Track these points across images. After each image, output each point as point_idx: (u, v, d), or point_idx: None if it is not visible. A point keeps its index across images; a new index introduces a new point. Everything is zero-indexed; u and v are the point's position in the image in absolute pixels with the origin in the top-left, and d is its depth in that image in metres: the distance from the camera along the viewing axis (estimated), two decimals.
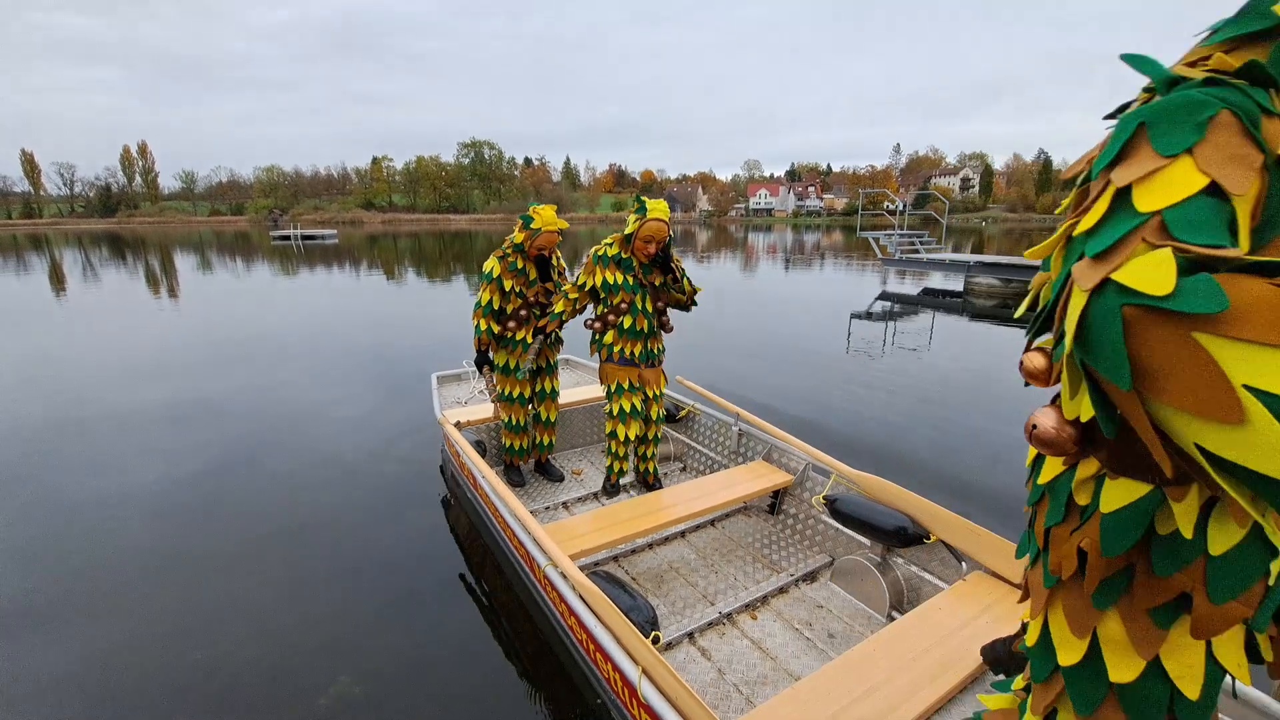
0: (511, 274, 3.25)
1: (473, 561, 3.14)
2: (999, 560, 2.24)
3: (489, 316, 3.29)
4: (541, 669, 2.40)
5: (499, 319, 3.33)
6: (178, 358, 7.63)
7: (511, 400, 3.46)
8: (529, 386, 3.50)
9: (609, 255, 3.07)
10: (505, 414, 3.50)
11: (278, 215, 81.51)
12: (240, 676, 2.36)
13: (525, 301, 3.32)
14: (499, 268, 3.23)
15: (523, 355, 3.36)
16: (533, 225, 3.21)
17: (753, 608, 2.56)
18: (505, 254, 3.25)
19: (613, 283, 3.01)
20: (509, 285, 3.25)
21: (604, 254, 3.07)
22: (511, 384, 3.42)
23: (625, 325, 3.05)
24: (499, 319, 3.33)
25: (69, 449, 4.68)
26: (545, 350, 3.47)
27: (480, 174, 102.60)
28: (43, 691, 2.30)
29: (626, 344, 3.08)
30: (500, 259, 3.25)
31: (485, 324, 3.29)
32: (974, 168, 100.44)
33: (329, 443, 4.75)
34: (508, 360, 3.39)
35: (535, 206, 3.25)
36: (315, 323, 10.12)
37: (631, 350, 3.10)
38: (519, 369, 3.38)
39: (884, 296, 12.90)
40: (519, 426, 3.54)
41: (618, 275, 3.01)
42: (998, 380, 6.40)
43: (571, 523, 2.73)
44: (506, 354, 3.39)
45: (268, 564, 3.15)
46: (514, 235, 3.28)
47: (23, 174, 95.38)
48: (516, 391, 3.44)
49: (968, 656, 1.88)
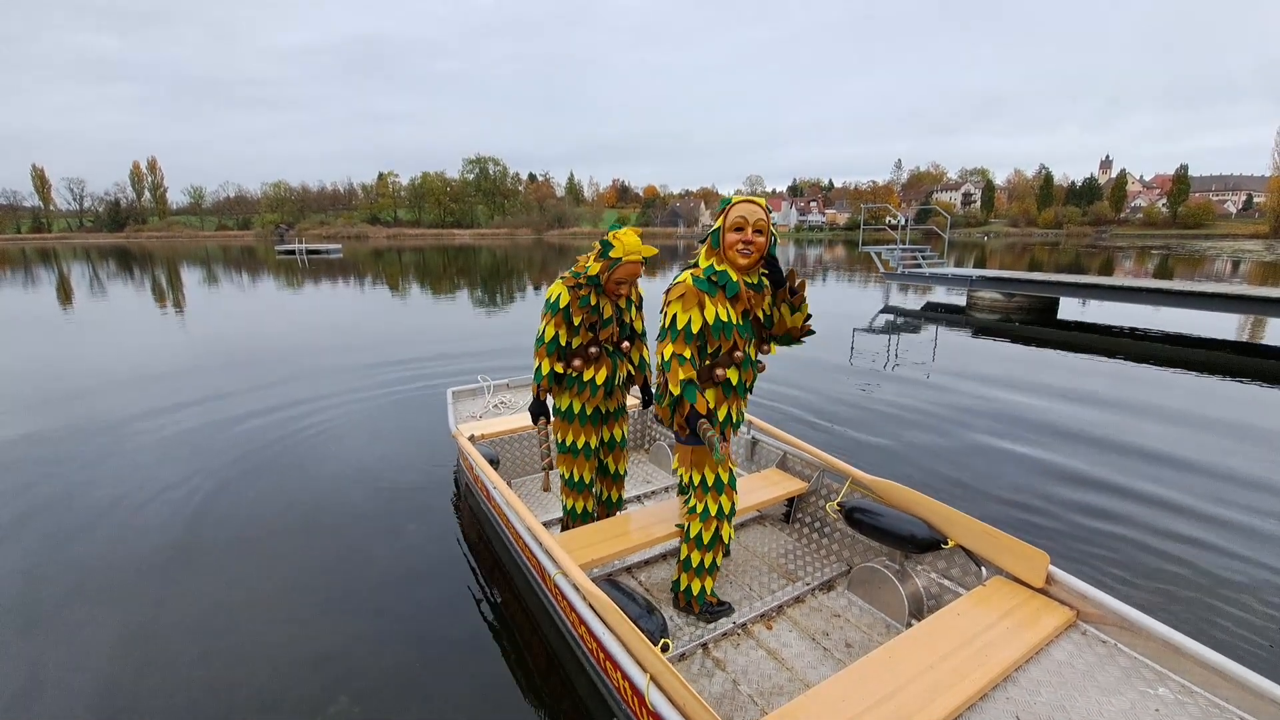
0: (582, 309, 2.63)
1: (482, 573, 3.13)
2: (1019, 565, 2.23)
3: (553, 355, 2.66)
4: (551, 680, 2.38)
5: (563, 356, 2.71)
6: (170, 366, 7.66)
7: (575, 452, 2.82)
8: (595, 435, 2.84)
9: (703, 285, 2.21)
10: (565, 469, 2.87)
11: (284, 230, 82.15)
12: (235, 700, 2.29)
13: (595, 338, 2.69)
14: (568, 297, 2.61)
15: (590, 399, 2.76)
16: (612, 253, 2.55)
17: (768, 617, 2.54)
18: (578, 283, 2.63)
19: (725, 321, 2.18)
20: (578, 319, 2.63)
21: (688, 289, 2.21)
22: (575, 431, 2.79)
23: (732, 381, 2.26)
24: (563, 356, 2.71)
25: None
26: (617, 391, 2.86)
27: (485, 189, 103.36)
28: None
29: (730, 406, 2.32)
30: (571, 289, 2.62)
31: (548, 364, 2.66)
32: (975, 183, 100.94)
33: (345, 457, 4.76)
34: (571, 403, 2.76)
35: (615, 231, 2.61)
36: (323, 335, 10.17)
37: (729, 416, 2.33)
38: (582, 414, 2.78)
39: (887, 310, 12.92)
40: (583, 484, 2.89)
41: (725, 308, 2.20)
42: (997, 386, 6.39)
43: (582, 532, 2.72)
44: (570, 396, 2.75)
45: (266, 574, 3.13)
46: (587, 263, 2.64)
47: (33, 189, 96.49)
48: (581, 441, 2.80)
49: (989, 662, 1.87)
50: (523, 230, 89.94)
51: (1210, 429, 5.19)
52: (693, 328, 2.16)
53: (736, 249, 2.19)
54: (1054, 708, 1.76)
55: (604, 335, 2.69)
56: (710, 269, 2.21)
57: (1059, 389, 6.49)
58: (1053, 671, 1.89)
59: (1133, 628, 1.96)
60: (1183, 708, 1.74)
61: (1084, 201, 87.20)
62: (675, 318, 2.18)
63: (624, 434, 2.96)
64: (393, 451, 4.79)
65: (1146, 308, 11.32)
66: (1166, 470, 4.31)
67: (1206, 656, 1.78)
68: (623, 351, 2.77)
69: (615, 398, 2.86)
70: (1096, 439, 4.93)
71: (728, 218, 2.20)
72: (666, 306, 2.22)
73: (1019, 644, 1.95)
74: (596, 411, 2.81)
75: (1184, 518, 3.63)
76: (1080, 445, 4.80)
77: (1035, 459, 4.53)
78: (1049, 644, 2.00)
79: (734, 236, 2.19)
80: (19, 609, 2.86)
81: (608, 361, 2.72)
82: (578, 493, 2.91)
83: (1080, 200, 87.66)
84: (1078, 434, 5.05)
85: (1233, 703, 1.72)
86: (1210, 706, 1.74)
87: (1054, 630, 2.02)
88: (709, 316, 2.16)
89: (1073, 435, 5.03)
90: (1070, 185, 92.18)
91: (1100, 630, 2.04)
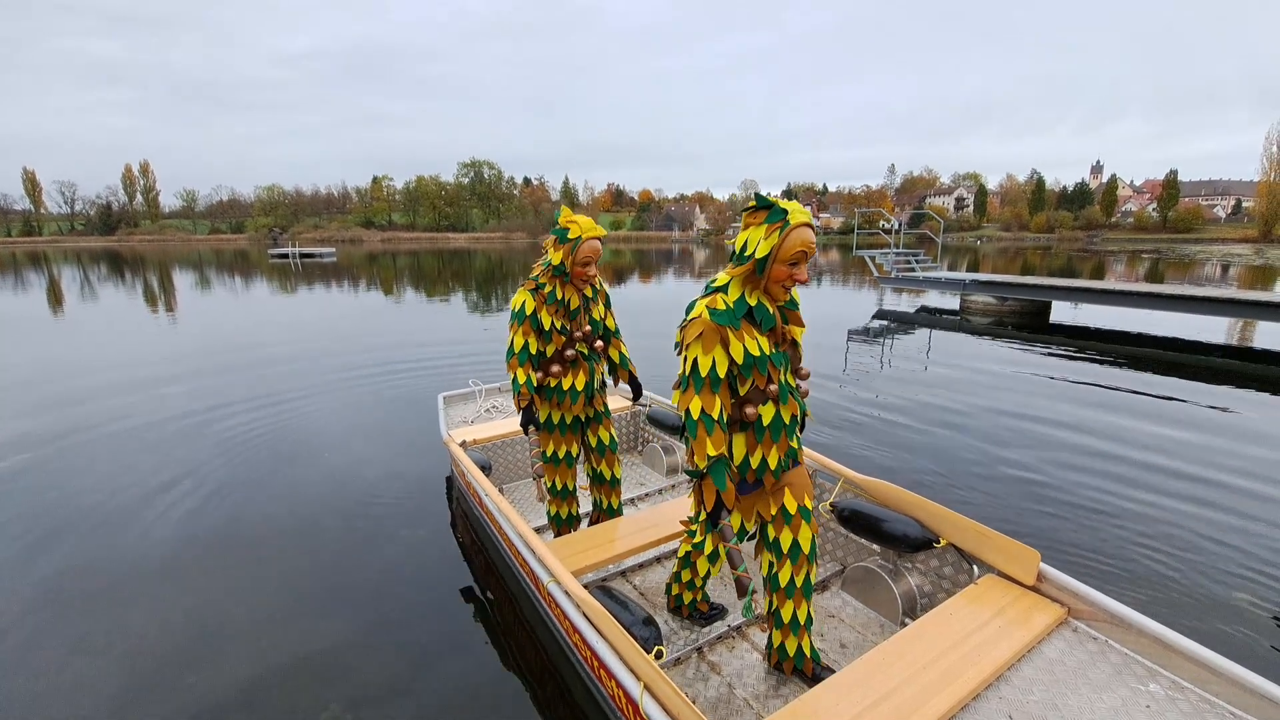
0: (550, 306, 2.56)
1: (476, 579, 3.11)
2: (1010, 563, 2.24)
3: (527, 365, 2.58)
4: (546, 687, 2.36)
5: (538, 364, 2.63)
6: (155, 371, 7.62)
7: (558, 461, 2.80)
8: (576, 443, 2.84)
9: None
10: (549, 477, 2.85)
11: (277, 234, 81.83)
12: (224, 707, 2.27)
13: (570, 339, 2.63)
14: (532, 302, 2.55)
15: (570, 407, 2.71)
16: (570, 235, 2.49)
17: (763, 620, 2.53)
18: (539, 284, 2.58)
19: (758, 355, 1.82)
20: (548, 322, 2.57)
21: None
22: (556, 441, 2.77)
23: (766, 420, 1.90)
24: (538, 364, 2.63)
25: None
26: (596, 396, 2.82)
27: (480, 193, 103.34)
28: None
29: (764, 450, 1.94)
30: (534, 291, 2.57)
31: (524, 374, 2.57)
32: (968, 187, 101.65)
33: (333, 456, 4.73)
34: (550, 414, 2.72)
35: (565, 215, 2.56)
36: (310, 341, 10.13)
37: (763, 463, 1.96)
38: (562, 424, 2.75)
39: (881, 314, 12.98)
40: (566, 491, 2.89)
41: (755, 339, 1.82)
42: (989, 388, 6.42)
43: (576, 538, 2.71)
44: (550, 407, 2.70)
45: (255, 580, 3.11)
46: (547, 255, 2.58)
47: (24, 192, 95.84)
48: (564, 450, 2.79)
49: (981, 661, 1.87)
50: (518, 234, 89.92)
51: (1200, 429, 5.23)
52: (719, 371, 1.79)
53: (783, 285, 1.81)
54: (1046, 706, 1.76)
55: (577, 332, 2.62)
56: (740, 301, 1.82)
57: (1050, 391, 6.53)
58: (1045, 670, 1.90)
59: (1123, 624, 1.97)
60: (1174, 704, 1.75)
61: (1076, 206, 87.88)
62: (696, 363, 1.80)
63: (611, 436, 2.92)
64: (385, 455, 4.77)
65: (1138, 311, 11.41)
66: (1156, 469, 4.33)
67: (1197, 652, 1.79)
68: (598, 353, 2.75)
69: (595, 403, 2.81)
70: (1087, 439, 4.96)
71: (784, 244, 1.73)
72: (685, 349, 1.85)
73: (1011, 642, 1.96)
74: (576, 420, 2.78)
75: (1173, 515, 3.65)
76: (1071, 445, 4.83)
77: (1026, 459, 4.55)
78: (1041, 642, 2.01)
79: (785, 271, 1.77)
80: (4, 616, 2.82)
81: (585, 366, 2.68)
82: (562, 499, 2.92)
83: (1072, 205, 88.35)
84: (1069, 434, 5.08)
85: (1223, 698, 1.73)
86: (1201, 702, 1.74)
87: (1045, 628, 2.03)
88: (736, 354, 1.79)
89: (1064, 435, 5.05)
90: (1062, 190, 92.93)
91: (1091, 627, 2.06)
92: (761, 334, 1.83)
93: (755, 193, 1.86)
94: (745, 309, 1.82)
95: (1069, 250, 47.19)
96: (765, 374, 1.83)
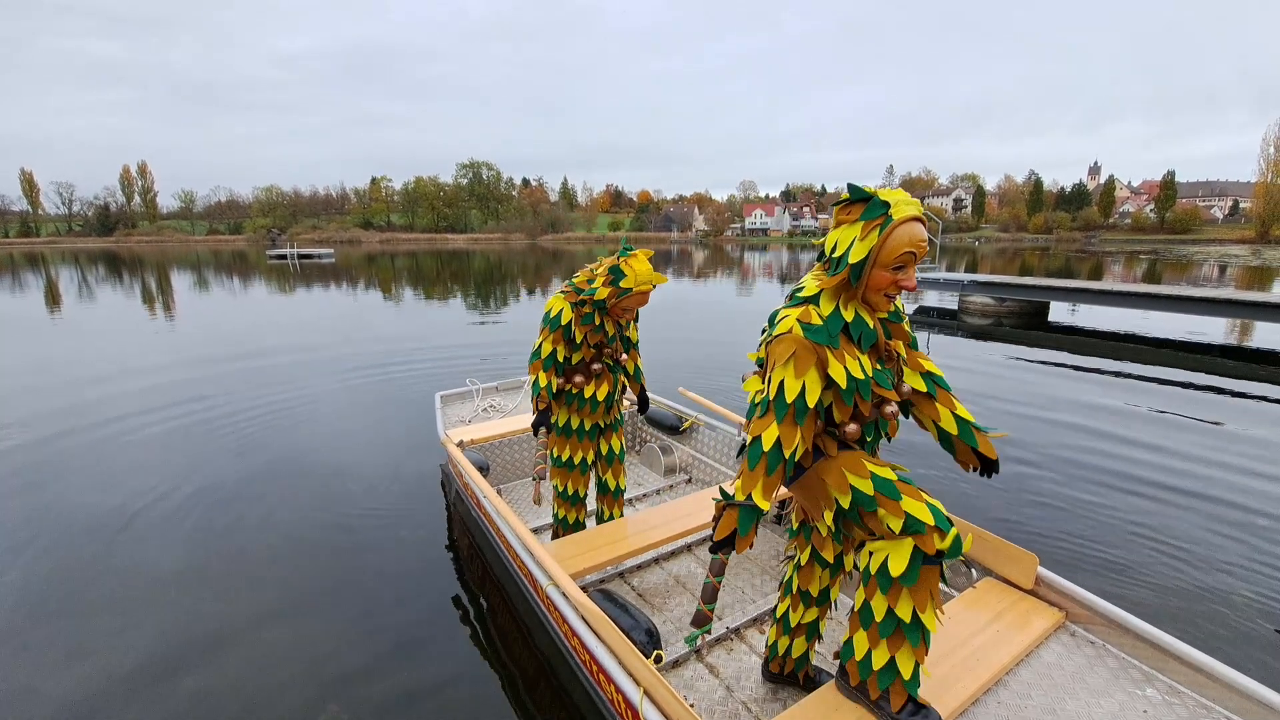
0: (586, 327, 2.60)
1: (473, 581, 3.11)
2: (1009, 567, 2.24)
3: (551, 370, 2.60)
4: (544, 690, 2.36)
5: (561, 371, 2.66)
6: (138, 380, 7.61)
7: (571, 467, 2.80)
8: (591, 449, 2.83)
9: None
10: (560, 482, 2.86)
11: (275, 234, 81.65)
12: (222, 711, 2.26)
13: (598, 353, 2.67)
14: (569, 313, 2.56)
15: (590, 414, 2.73)
16: (623, 283, 2.46)
17: (761, 622, 2.53)
18: (581, 302, 2.58)
19: (861, 378, 1.57)
20: (579, 336, 2.59)
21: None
22: (573, 447, 2.77)
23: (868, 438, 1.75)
24: (561, 371, 2.66)
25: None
26: (615, 405, 2.84)
27: (478, 194, 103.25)
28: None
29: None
30: (574, 306, 2.57)
31: (546, 379, 2.60)
32: (966, 188, 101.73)
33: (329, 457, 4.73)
34: (569, 419, 2.73)
35: (628, 256, 2.50)
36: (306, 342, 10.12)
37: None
38: (580, 430, 2.75)
39: None
40: (577, 497, 2.90)
41: (856, 359, 1.57)
42: (987, 389, 6.43)
43: (574, 539, 2.71)
44: (569, 411, 2.72)
45: (252, 582, 3.10)
46: (592, 278, 2.56)
47: (21, 193, 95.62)
48: (579, 456, 2.78)
49: (979, 667, 1.87)
50: (516, 235, 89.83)
51: (1197, 430, 5.24)
52: (808, 398, 1.50)
53: (887, 292, 1.53)
54: (1044, 711, 1.76)
55: (607, 348, 2.66)
56: (835, 315, 1.54)
57: (1048, 393, 6.53)
58: (1042, 674, 1.90)
59: (1121, 628, 1.97)
60: (1170, 708, 1.75)
61: (1073, 207, 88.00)
62: (783, 386, 1.51)
63: (621, 446, 2.94)
64: (383, 456, 4.76)
65: (1136, 312, 11.43)
66: (1154, 471, 4.34)
67: (1194, 657, 1.79)
68: (620, 365, 2.77)
69: (613, 411, 2.83)
70: (1086, 440, 4.97)
71: (886, 244, 1.45)
72: (770, 370, 1.56)
73: (1010, 646, 1.96)
74: (595, 426, 2.78)
75: (1172, 517, 3.66)
76: (1069, 447, 4.83)
77: (1024, 460, 4.56)
78: (1039, 646, 2.01)
79: (888, 278, 1.49)
80: (3, 622, 2.82)
81: (609, 377, 2.70)
82: (571, 505, 2.90)
83: (1070, 206, 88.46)
84: (1067, 436, 5.09)
85: (1220, 703, 1.74)
86: (1198, 707, 1.75)
87: (1044, 632, 2.03)
88: (838, 377, 1.51)
89: (1062, 436, 5.06)
90: (1060, 191, 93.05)
91: (1089, 631, 2.06)
92: (862, 352, 1.58)
93: (849, 184, 1.53)
94: (841, 324, 1.54)
95: (1067, 251, 47.26)
96: (868, 398, 1.58)
